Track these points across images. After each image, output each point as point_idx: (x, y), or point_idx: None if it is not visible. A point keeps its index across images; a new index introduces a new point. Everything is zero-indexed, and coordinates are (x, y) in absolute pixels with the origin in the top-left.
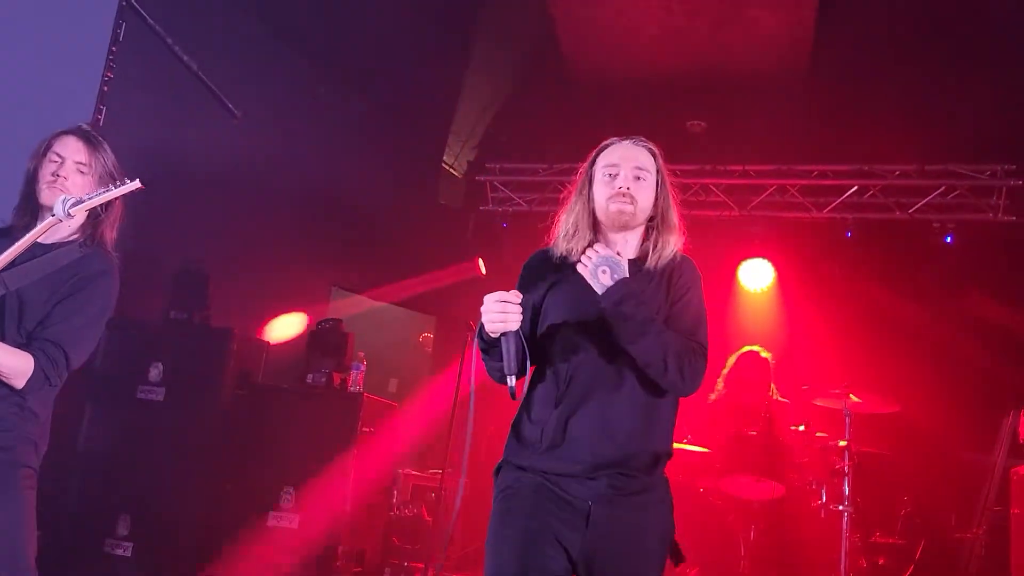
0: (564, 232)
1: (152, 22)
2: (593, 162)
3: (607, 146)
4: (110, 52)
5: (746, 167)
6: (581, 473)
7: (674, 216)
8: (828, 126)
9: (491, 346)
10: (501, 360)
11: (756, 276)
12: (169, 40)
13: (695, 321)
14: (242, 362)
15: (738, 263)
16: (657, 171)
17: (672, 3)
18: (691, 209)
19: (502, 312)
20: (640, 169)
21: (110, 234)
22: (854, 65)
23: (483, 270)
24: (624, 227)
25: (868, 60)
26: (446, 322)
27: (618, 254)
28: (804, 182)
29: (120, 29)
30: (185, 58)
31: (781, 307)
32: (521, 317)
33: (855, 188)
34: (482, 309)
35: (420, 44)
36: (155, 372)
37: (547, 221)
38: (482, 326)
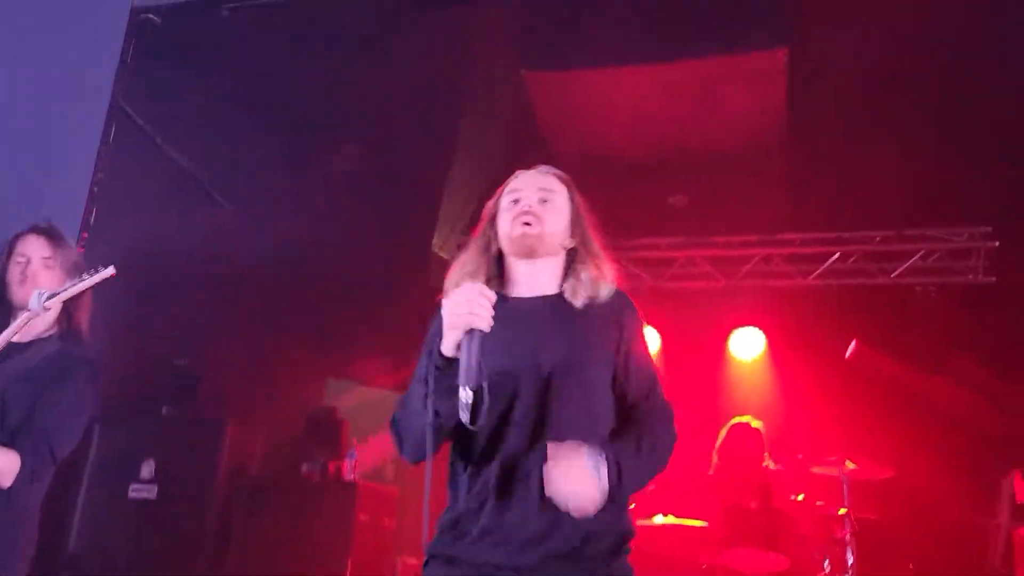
0: (460, 271)
1: (141, 122)
2: (498, 198)
3: (512, 179)
4: (100, 152)
5: (730, 238)
6: (525, 566)
7: (597, 246)
8: (807, 195)
9: (445, 367)
10: (455, 381)
11: (747, 345)
12: (158, 139)
13: (652, 378)
14: (236, 455)
15: (728, 333)
16: (570, 197)
17: (647, 89)
18: (679, 281)
19: (472, 303)
20: (545, 191)
21: (84, 323)
22: (827, 135)
23: None
24: (531, 253)
25: (841, 130)
26: None
27: (526, 288)
28: (788, 251)
29: (111, 129)
30: (175, 155)
31: (774, 375)
32: (491, 317)
33: (838, 255)
34: (444, 304)
35: (406, 135)
36: (147, 470)
37: None
38: (434, 351)
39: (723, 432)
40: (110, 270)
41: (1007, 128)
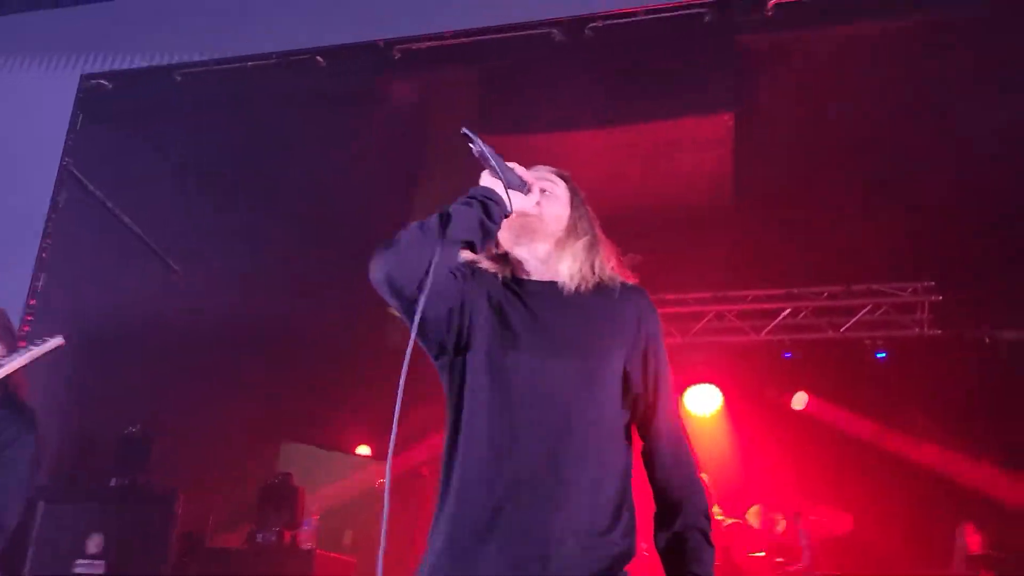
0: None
1: (92, 188)
2: None
3: None
4: (49, 218)
5: (683, 296)
6: None
7: (599, 234)
8: (757, 252)
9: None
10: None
11: (703, 402)
12: (109, 204)
13: (676, 408)
14: (188, 526)
15: (684, 390)
16: (569, 188)
17: (600, 150)
18: None
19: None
20: (545, 180)
21: (24, 388)
22: (774, 195)
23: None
24: (532, 235)
25: (787, 189)
26: (401, 468)
27: (527, 274)
28: (740, 307)
29: (60, 195)
30: (126, 219)
31: (730, 431)
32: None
33: (788, 310)
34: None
35: (362, 193)
36: (94, 544)
37: None
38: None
39: None
40: (58, 340)
41: (947, 187)
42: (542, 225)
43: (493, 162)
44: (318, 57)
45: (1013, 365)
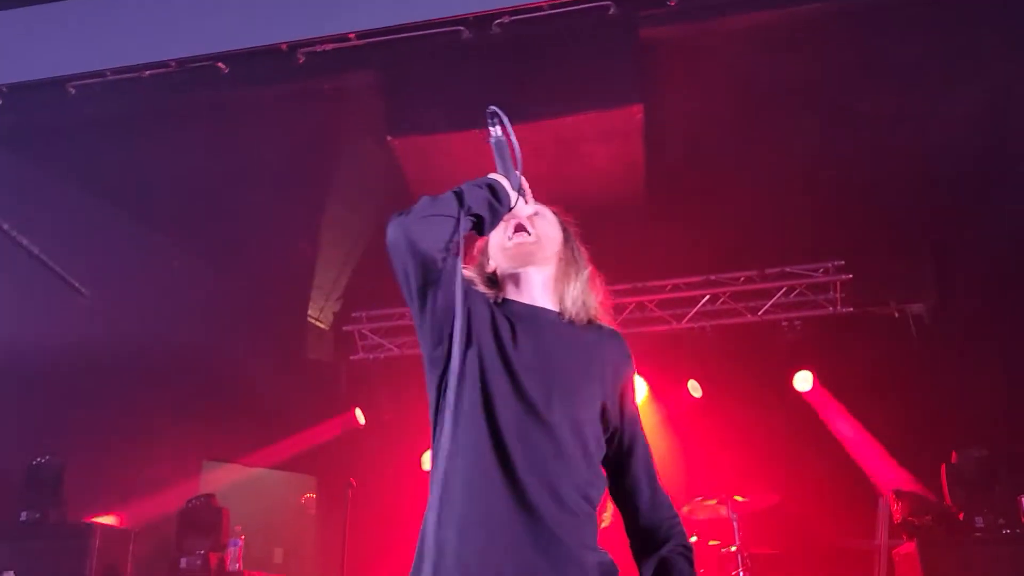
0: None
1: None
2: None
3: None
4: None
5: (603, 288)
6: None
7: (586, 263)
8: (672, 242)
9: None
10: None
11: None
12: (5, 225)
13: (651, 458)
14: (106, 557)
15: None
16: (557, 216)
17: None
18: None
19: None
20: (535, 211)
21: None
22: (685, 184)
23: (362, 420)
24: (527, 259)
25: (697, 178)
26: (327, 479)
27: (521, 297)
28: (660, 296)
29: None
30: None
31: (657, 421)
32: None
33: (707, 297)
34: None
35: (273, 207)
36: None
37: (420, 363)
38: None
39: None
40: None
41: (852, 167)
42: (539, 249)
43: (506, 155)
44: (219, 63)
45: (921, 337)
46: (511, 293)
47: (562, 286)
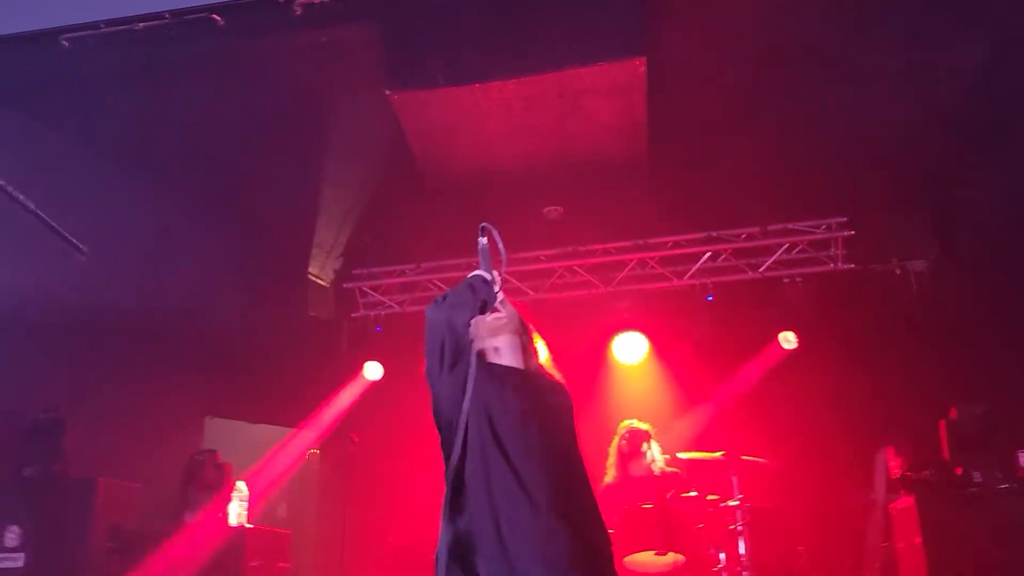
0: None
1: None
2: None
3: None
4: None
5: (605, 245)
6: None
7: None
8: (675, 198)
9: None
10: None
11: (630, 349)
12: (2, 182)
13: None
14: (110, 512)
15: (610, 338)
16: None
17: (512, 101)
18: (559, 292)
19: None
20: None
21: None
22: (688, 140)
23: (377, 375)
24: (499, 331)
25: (700, 134)
26: (330, 435)
27: (497, 359)
28: (661, 253)
29: None
30: (21, 198)
31: (659, 376)
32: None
33: (708, 254)
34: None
35: (270, 165)
36: (12, 537)
37: (422, 320)
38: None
39: (615, 440)
40: None
41: (855, 123)
42: (510, 325)
43: (487, 260)
44: (214, 15)
45: (922, 294)
46: (489, 356)
47: (527, 350)
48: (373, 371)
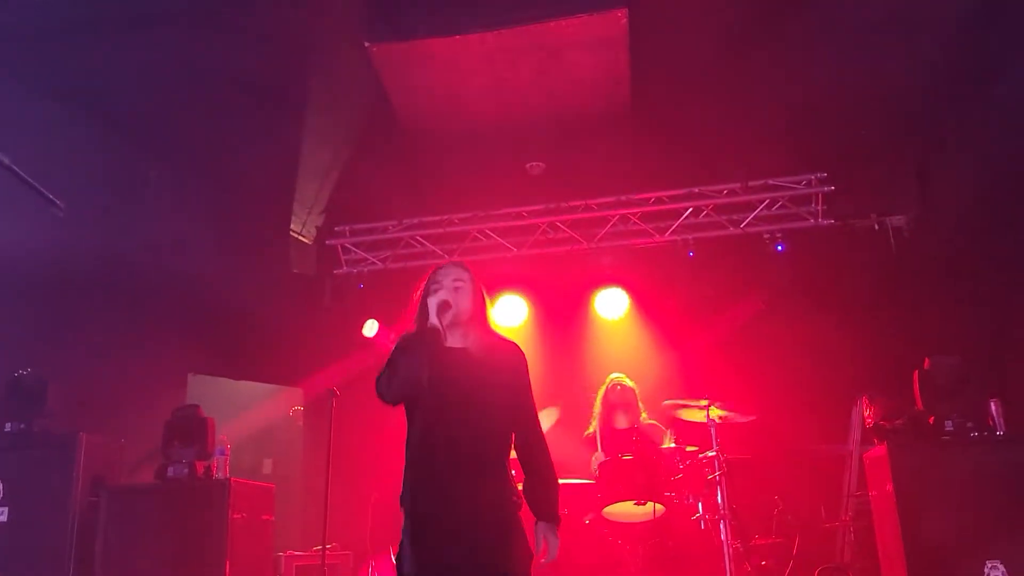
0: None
1: None
2: (426, 284)
3: (434, 272)
4: None
5: (588, 201)
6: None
7: (485, 312)
8: (656, 154)
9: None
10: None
11: (612, 305)
12: None
13: (535, 412)
14: (93, 467)
15: (592, 293)
16: (473, 283)
17: (493, 55)
18: (542, 248)
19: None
20: (458, 281)
21: None
22: (670, 95)
23: (373, 331)
24: (454, 324)
25: (681, 89)
26: (314, 392)
27: (452, 343)
28: (643, 209)
29: None
30: None
31: (640, 331)
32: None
33: (690, 210)
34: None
35: (250, 120)
36: None
37: (404, 277)
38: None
39: (600, 393)
40: None
41: (837, 78)
42: (460, 318)
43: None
44: None
45: (900, 249)
46: (448, 341)
47: (468, 333)
48: (370, 328)
